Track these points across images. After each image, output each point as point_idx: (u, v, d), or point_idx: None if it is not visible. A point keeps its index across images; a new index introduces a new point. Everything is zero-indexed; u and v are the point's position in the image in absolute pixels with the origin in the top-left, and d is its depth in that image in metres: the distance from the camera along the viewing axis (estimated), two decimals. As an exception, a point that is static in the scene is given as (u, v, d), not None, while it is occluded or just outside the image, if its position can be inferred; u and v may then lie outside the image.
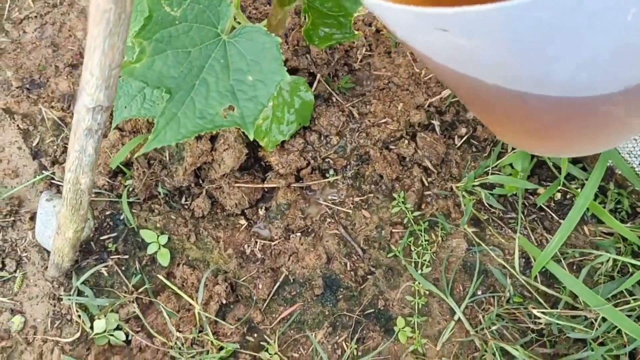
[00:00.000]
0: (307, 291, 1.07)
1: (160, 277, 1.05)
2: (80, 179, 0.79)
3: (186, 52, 0.75)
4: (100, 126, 0.70)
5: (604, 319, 0.95)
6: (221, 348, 1.03)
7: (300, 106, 1.06)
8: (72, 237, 0.96)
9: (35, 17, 1.26)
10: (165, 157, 1.06)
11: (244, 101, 0.76)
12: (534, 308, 0.99)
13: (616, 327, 0.94)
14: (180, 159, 1.04)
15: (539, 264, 0.93)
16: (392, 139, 1.12)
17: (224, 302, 1.05)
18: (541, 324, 1.01)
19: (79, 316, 1.07)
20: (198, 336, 1.04)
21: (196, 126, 0.74)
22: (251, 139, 0.76)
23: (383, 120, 1.11)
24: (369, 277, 1.08)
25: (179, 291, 1.04)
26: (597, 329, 0.94)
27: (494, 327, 1.01)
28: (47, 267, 1.12)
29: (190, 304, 1.07)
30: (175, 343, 1.03)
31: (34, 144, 1.18)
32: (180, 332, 1.02)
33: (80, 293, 1.07)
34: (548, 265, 0.93)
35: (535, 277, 1.01)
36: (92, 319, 1.07)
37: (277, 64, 0.75)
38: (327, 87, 1.13)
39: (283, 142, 1.09)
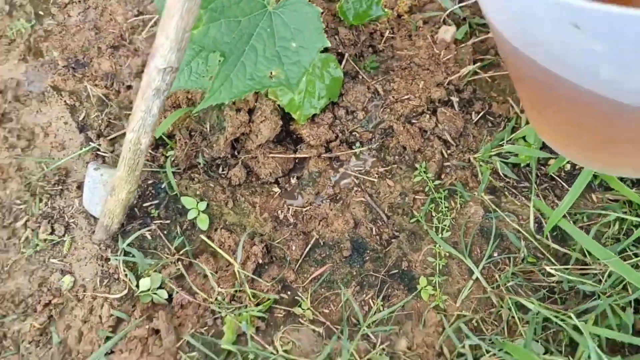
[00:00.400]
0: (336, 253, 1.16)
1: (203, 237, 1.14)
2: (141, 139, 0.88)
3: (237, 21, 0.84)
4: (168, 87, 0.79)
5: (609, 275, 1.04)
6: (258, 303, 1.11)
7: (330, 82, 1.15)
8: (125, 198, 1.05)
9: (79, 1, 1.35)
10: (206, 128, 1.15)
11: (288, 65, 0.85)
12: (546, 265, 1.07)
13: (622, 281, 1.03)
14: (222, 129, 1.13)
15: (552, 221, 1.02)
16: (414, 114, 1.21)
17: (260, 262, 1.13)
18: (553, 281, 1.10)
19: (126, 275, 1.15)
20: (237, 293, 1.13)
21: (247, 86, 0.83)
22: (295, 97, 0.85)
23: (406, 97, 1.20)
24: (393, 240, 1.17)
25: (219, 250, 1.12)
26: (604, 283, 1.03)
27: (509, 284, 1.10)
28: (93, 232, 1.20)
29: (228, 265, 1.16)
30: (216, 298, 1.12)
31: (80, 119, 1.27)
32: (221, 288, 1.11)
33: (126, 254, 1.16)
34: (560, 222, 1.02)
35: (547, 237, 1.09)
36: (137, 278, 1.15)
37: (319, 32, 0.84)
38: (355, 65, 1.22)
39: (314, 115, 1.18)
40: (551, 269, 1.06)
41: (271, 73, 0.84)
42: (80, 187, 1.24)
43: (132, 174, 0.98)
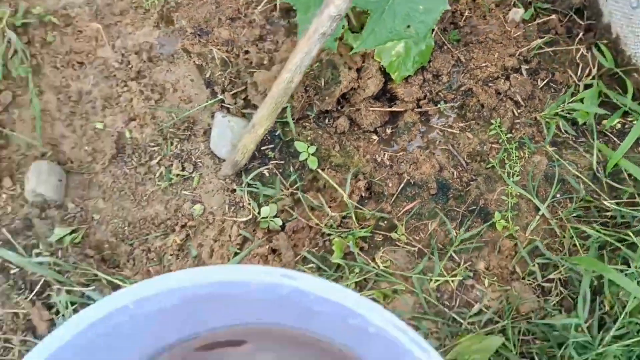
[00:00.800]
0: (424, 192, 1.39)
1: (320, 171, 1.36)
2: (295, 78, 1.12)
3: (381, -14, 1.08)
4: (331, 33, 1.02)
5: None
6: (362, 228, 1.34)
7: (423, 49, 1.39)
8: (261, 134, 1.28)
9: (202, -20, 1.60)
10: (321, 84, 1.38)
11: (417, 23, 1.09)
12: (605, 200, 1.31)
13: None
14: (337, 83, 1.36)
15: (613, 160, 1.26)
16: (490, 79, 1.44)
17: (363, 195, 1.36)
18: (608, 216, 1.33)
19: (249, 203, 1.38)
20: (343, 219, 1.35)
21: (387, 37, 1.07)
22: (423, 48, 1.09)
23: (484, 64, 1.44)
24: (471, 182, 1.40)
25: (331, 181, 1.35)
26: (653, 213, 1.26)
27: (570, 217, 1.33)
28: (218, 170, 1.43)
29: (331, 200, 1.38)
30: (326, 224, 1.34)
31: (206, 76, 1.51)
32: (332, 213, 1.34)
33: (249, 186, 1.39)
34: (620, 162, 1.25)
35: (607, 175, 1.33)
36: (259, 207, 1.38)
37: (442, -3, 1.08)
38: (442, 37, 1.46)
39: (408, 77, 1.41)
40: (609, 203, 1.29)
41: (405, 27, 1.08)
42: (205, 133, 1.47)
43: (275, 112, 1.21)
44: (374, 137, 1.43)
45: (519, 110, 1.44)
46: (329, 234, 1.34)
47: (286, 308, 0.81)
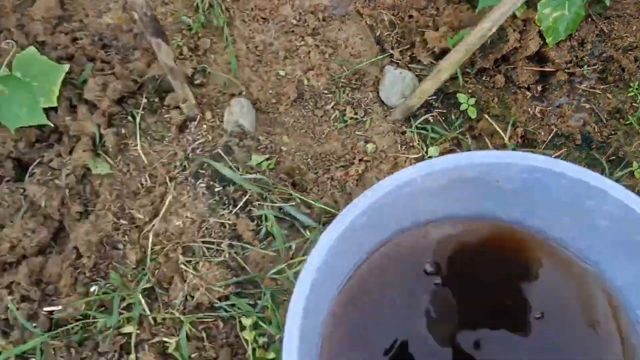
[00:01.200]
0: (570, 142, 1.60)
1: (484, 116, 1.58)
2: (493, 27, 1.33)
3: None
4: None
5: None
6: (520, 168, 1.55)
7: (575, 17, 1.60)
8: (442, 80, 1.50)
9: (367, -46, 1.82)
10: (486, 43, 1.60)
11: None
12: None
13: None
14: (504, 42, 1.58)
15: None
16: (629, 47, 1.65)
17: (519, 141, 1.57)
18: None
19: (419, 143, 1.60)
20: (502, 160, 1.56)
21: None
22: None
23: (624, 35, 1.65)
24: (611, 136, 1.61)
25: (494, 124, 1.56)
26: None
27: None
28: (387, 115, 1.65)
29: (492, 142, 1.59)
30: (488, 163, 1.55)
31: (376, 35, 1.73)
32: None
33: (418, 129, 1.60)
34: None
35: None
36: (426, 147, 1.59)
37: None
38: (588, 9, 1.68)
39: (559, 42, 1.62)
40: None
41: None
42: (374, 84, 1.69)
43: (463, 59, 1.42)
44: (527, 92, 1.64)
45: (654, 76, 1.65)
46: (489, 173, 1.55)
47: (525, 197, 0.98)
